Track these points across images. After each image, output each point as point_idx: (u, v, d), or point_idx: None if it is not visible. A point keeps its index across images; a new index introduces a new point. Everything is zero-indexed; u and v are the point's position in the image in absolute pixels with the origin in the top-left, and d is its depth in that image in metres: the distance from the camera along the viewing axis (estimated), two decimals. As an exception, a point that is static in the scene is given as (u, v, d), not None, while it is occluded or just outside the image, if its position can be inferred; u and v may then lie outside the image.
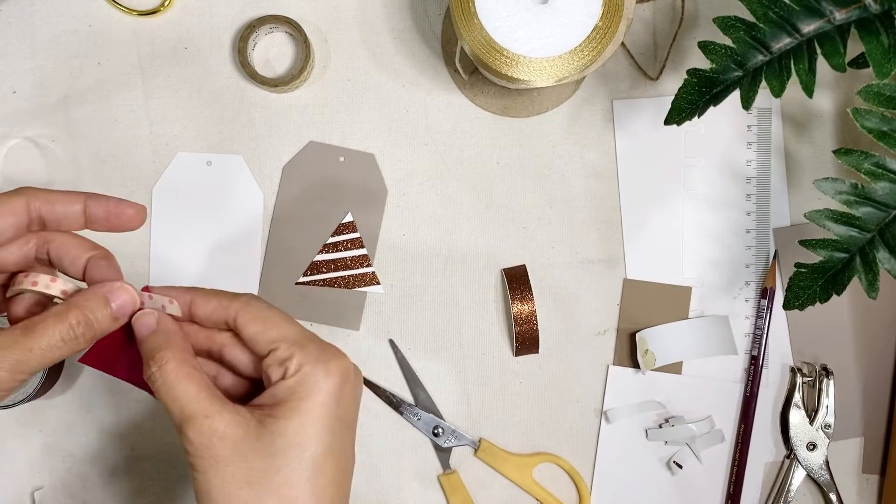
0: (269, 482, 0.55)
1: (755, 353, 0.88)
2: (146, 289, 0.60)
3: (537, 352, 0.88)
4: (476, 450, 0.89)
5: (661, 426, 0.88)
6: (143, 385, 0.59)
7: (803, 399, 0.88)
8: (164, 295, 0.60)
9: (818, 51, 0.71)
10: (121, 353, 0.60)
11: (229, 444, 0.54)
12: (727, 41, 0.72)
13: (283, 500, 0.55)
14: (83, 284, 0.59)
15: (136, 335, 0.59)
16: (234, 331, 0.60)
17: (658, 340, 0.86)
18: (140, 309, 0.59)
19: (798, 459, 0.87)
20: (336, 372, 0.57)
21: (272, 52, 0.88)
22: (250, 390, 0.63)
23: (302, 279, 0.87)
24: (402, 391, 0.89)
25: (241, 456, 0.55)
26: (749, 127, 0.88)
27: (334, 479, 0.57)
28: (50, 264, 0.61)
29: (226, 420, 0.55)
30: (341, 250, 0.88)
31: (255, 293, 0.66)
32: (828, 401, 0.87)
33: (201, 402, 0.55)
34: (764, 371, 0.88)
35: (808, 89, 0.71)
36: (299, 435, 0.55)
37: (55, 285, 0.58)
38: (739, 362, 0.89)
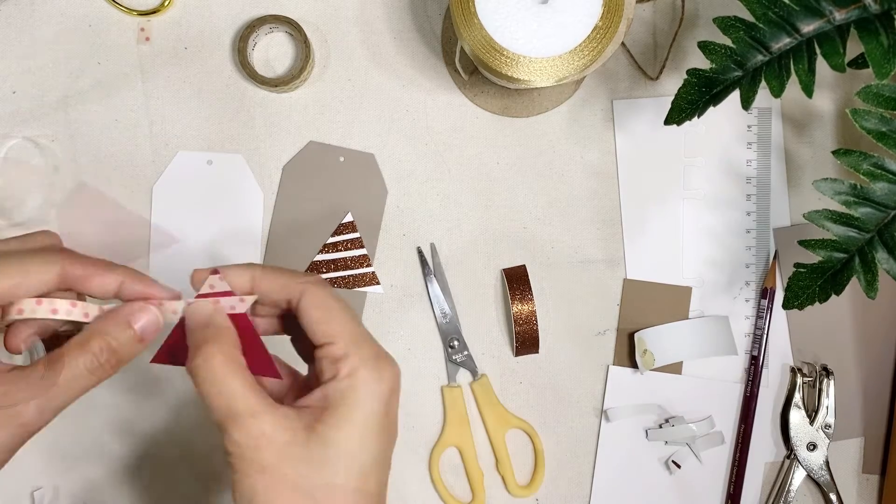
0: (317, 491, 0.53)
1: (755, 353, 0.88)
2: (215, 271, 0.58)
3: (537, 352, 0.88)
4: (474, 381, 0.89)
5: (661, 426, 0.88)
6: None
7: (803, 399, 0.88)
8: (229, 274, 0.58)
9: (818, 51, 0.71)
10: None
11: (275, 449, 0.52)
12: (727, 41, 0.72)
13: None
14: (104, 304, 0.58)
15: (186, 326, 0.57)
16: (294, 312, 0.58)
17: (658, 341, 0.86)
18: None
19: (798, 459, 0.87)
20: (389, 379, 0.56)
21: (272, 52, 0.88)
22: (290, 386, 0.61)
23: (302, 279, 0.87)
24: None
25: (289, 462, 0.53)
26: (749, 127, 0.88)
27: (378, 483, 0.56)
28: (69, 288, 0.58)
29: (273, 422, 0.53)
30: (341, 250, 0.88)
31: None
32: (828, 401, 0.87)
33: (248, 399, 0.53)
34: (764, 371, 0.88)
35: (808, 89, 0.71)
36: (350, 445, 0.54)
37: (76, 310, 0.57)
38: (739, 362, 0.89)
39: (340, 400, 0.54)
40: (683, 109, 0.74)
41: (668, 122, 0.74)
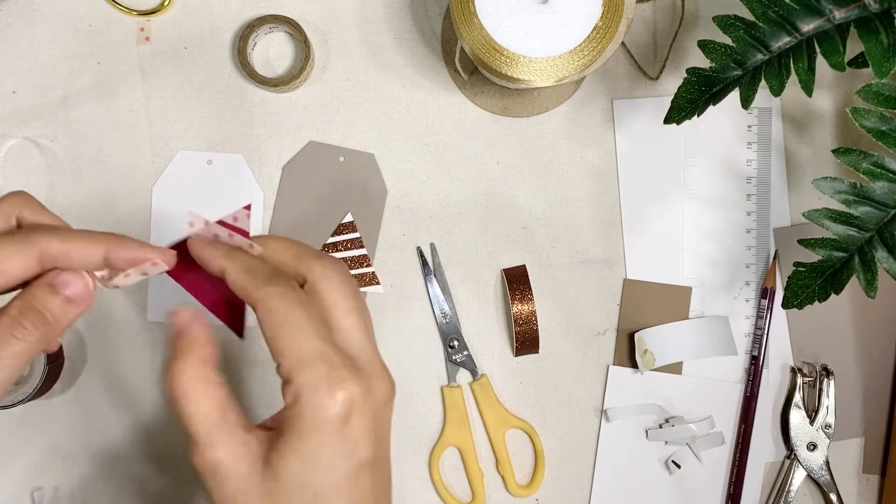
0: None
1: (755, 353, 0.88)
2: (221, 222, 0.57)
3: (537, 352, 0.88)
4: (474, 381, 0.89)
5: (661, 426, 0.88)
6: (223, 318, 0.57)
7: (803, 399, 0.88)
8: (204, 249, 0.56)
9: (817, 50, 0.71)
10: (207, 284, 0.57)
11: (234, 480, 0.50)
12: (727, 40, 0.72)
13: None
14: None
15: (167, 330, 0.55)
16: None
17: (658, 341, 0.86)
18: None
19: (798, 459, 0.87)
20: (338, 404, 0.50)
21: (272, 52, 0.88)
22: None
23: (302, 279, 0.87)
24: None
25: (245, 495, 0.50)
26: (749, 127, 0.88)
27: None
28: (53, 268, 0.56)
29: (229, 452, 0.50)
30: (341, 250, 0.88)
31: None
32: (828, 401, 0.87)
33: (208, 425, 0.50)
34: (764, 371, 0.88)
35: (808, 88, 0.71)
36: (299, 479, 0.50)
37: None
38: (739, 362, 0.89)
39: (288, 427, 0.51)
40: (683, 108, 0.73)
41: (667, 120, 0.74)
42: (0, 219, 0.54)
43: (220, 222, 0.57)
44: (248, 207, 0.57)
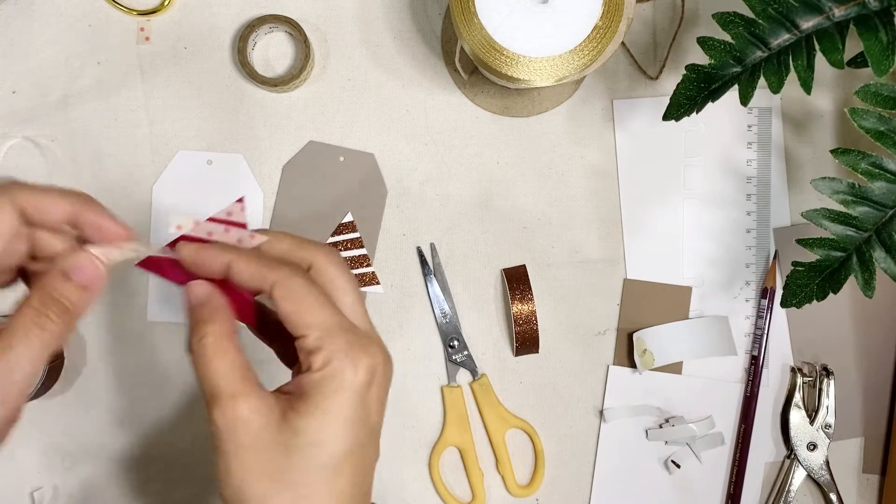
0: (286, 478, 0.53)
1: (755, 353, 0.88)
2: (214, 219, 0.58)
3: (537, 352, 0.88)
4: (474, 381, 0.89)
5: (661, 426, 0.88)
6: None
7: (803, 399, 0.88)
8: (205, 254, 0.57)
9: (817, 47, 0.71)
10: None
11: (251, 432, 0.52)
12: (727, 37, 0.72)
13: (297, 499, 0.53)
14: None
15: (186, 303, 0.57)
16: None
17: (657, 341, 0.86)
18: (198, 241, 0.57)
19: (798, 459, 0.87)
20: (364, 370, 0.55)
21: (272, 51, 0.88)
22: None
23: (302, 279, 0.87)
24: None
25: (261, 446, 0.52)
26: (749, 127, 0.88)
27: (352, 480, 0.55)
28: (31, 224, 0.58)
29: (251, 405, 0.53)
30: (341, 250, 0.88)
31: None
32: (828, 401, 0.87)
33: (231, 381, 0.53)
34: (764, 371, 0.88)
35: (807, 86, 0.71)
36: (319, 435, 0.53)
37: None
38: (739, 362, 0.89)
39: (313, 390, 0.54)
40: (682, 105, 0.73)
41: (666, 117, 0.74)
42: None
43: (213, 219, 0.58)
44: (240, 200, 0.59)
